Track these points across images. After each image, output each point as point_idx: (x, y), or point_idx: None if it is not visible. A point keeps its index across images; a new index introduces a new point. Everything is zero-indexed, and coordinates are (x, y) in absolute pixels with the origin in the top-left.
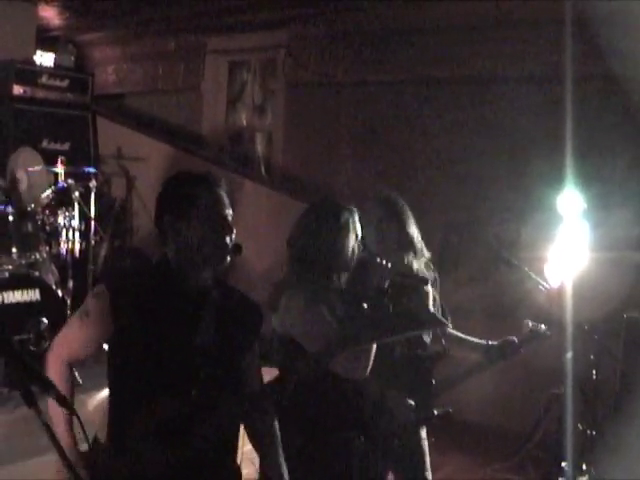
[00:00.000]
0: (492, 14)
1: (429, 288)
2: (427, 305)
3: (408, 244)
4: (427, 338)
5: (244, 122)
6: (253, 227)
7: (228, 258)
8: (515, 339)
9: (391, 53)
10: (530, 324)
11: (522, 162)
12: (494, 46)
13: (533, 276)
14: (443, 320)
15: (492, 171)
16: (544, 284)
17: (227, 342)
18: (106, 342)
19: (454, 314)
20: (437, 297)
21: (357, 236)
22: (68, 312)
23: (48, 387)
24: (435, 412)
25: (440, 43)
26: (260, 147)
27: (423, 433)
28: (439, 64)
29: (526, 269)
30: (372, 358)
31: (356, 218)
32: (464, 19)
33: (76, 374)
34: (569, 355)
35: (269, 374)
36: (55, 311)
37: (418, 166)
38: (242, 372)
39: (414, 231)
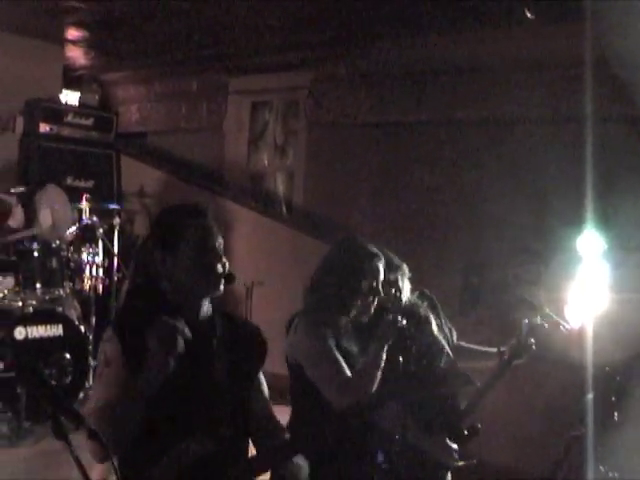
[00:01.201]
0: (515, 56)
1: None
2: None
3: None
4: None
5: (266, 162)
6: (274, 266)
7: (221, 287)
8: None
9: (412, 94)
10: (526, 321)
11: (543, 203)
12: (516, 87)
13: (554, 317)
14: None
15: (513, 212)
16: (565, 325)
17: (237, 371)
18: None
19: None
20: (441, 318)
21: (377, 279)
22: (90, 347)
23: (79, 420)
24: (460, 462)
25: (462, 84)
26: (281, 187)
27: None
28: (461, 105)
29: (547, 310)
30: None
31: (380, 262)
32: (487, 60)
33: None
34: (590, 396)
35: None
36: (77, 346)
37: (439, 207)
38: (251, 402)
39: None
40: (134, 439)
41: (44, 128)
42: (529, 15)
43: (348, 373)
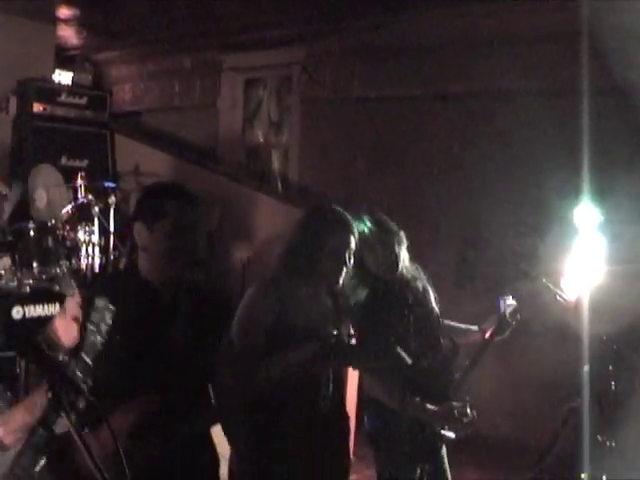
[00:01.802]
0: (507, 28)
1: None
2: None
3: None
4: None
5: (260, 139)
6: (269, 242)
7: (191, 270)
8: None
9: (406, 68)
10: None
11: (538, 176)
12: (509, 60)
13: (551, 287)
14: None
15: (508, 185)
16: (562, 296)
17: (198, 340)
18: None
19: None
20: (427, 289)
21: (343, 245)
22: None
23: (78, 392)
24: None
25: (455, 58)
26: (276, 163)
27: (444, 450)
28: (454, 79)
29: (544, 281)
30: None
31: (348, 230)
32: (479, 34)
33: None
34: (586, 367)
35: None
36: None
37: (434, 181)
38: (214, 366)
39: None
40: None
41: (37, 108)
42: None
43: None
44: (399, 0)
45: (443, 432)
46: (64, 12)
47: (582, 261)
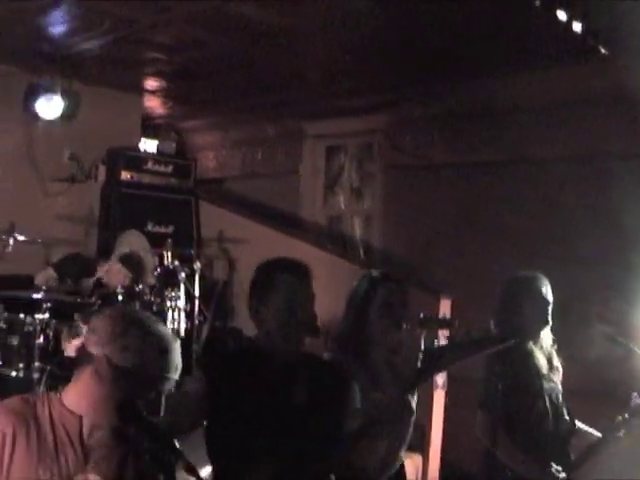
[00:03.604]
0: (592, 91)
1: None
2: None
3: None
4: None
5: (342, 205)
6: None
7: (305, 338)
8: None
9: (488, 133)
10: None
11: (626, 240)
12: (594, 123)
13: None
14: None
15: (595, 250)
16: None
17: (317, 410)
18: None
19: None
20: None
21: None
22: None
23: (177, 454)
24: None
25: (538, 122)
26: (358, 230)
27: None
28: (538, 143)
29: (632, 345)
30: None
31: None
32: (563, 97)
33: None
34: None
35: None
36: None
37: (519, 246)
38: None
39: None
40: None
41: (125, 176)
42: (603, 50)
43: None
44: (479, 66)
45: None
46: (151, 84)
47: None
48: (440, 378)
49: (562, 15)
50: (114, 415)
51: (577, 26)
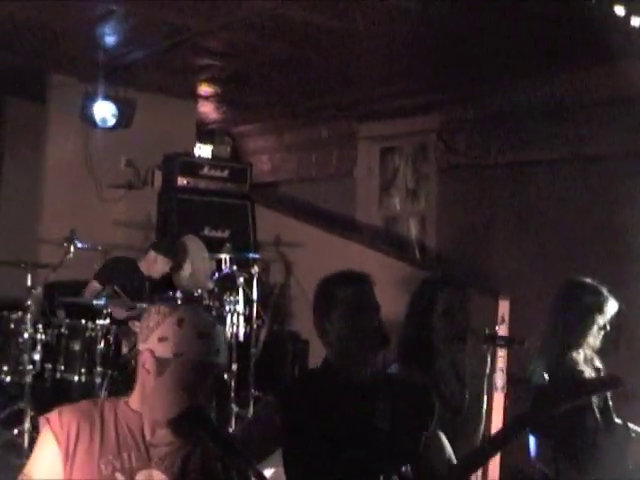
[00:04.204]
0: None
1: None
2: None
3: None
4: None
5: (397, 207)
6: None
7: (376, 352)
8: None
9: (543, 132)
10: None
11: None
12: None
13: None
14: None
15: None
16: None
17: (401, 429)
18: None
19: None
20: None
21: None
22: (232, 394)
23: (248, 464)
24: None
25: (594, 119)
26: (414, 231)
27: None
28: (594, 141)
29: None
30: None
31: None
32: (619, 93)
33: None
34: None
35: None
36: (218, 394)
37: (575, 246)
38: (422, 460)
39: None
40: None
41: (181, 181)
42: None
43: None
44: (533, 64)
45: None
46: (204, 89)
47: None
48: (499, 380)
49: (620, 10)
50: (169, 411)
51: (636, 21)
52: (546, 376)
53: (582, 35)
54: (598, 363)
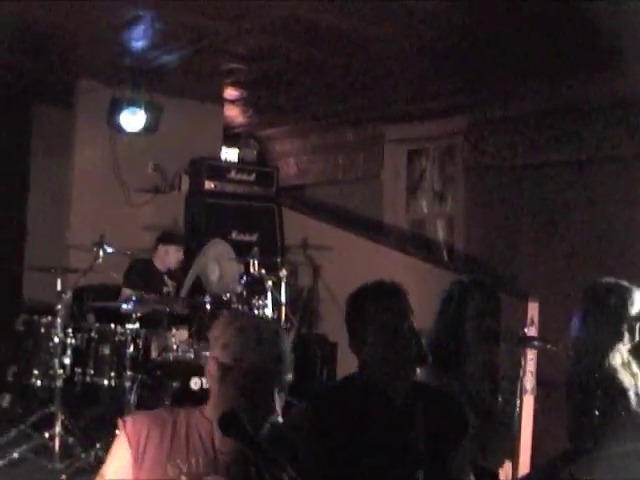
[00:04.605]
0: None
1: None
2: None
3: None
4: None
5: (424, 209)
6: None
7: (415, 369)
8: None
9: (571, 132)
10: None
11: None
12: None
13: None
14: None
15: None
16: None
17: (435, 444)
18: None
19: None
20: None
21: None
22: None
23: (282, 468)
24: None
25: (621, 119)
26: (441, 233)
27: None
28: (623, 141)
29: None
30: None
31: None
32: None
33: None
34: None
35: None
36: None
37: (602, 248)
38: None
39: None
40: None
41: (208, 185)
42: None
43: None
44: (559, 65)
45: None
46: (230, 93)
47: None
48: (529, 383)
49: None
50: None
51: None
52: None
53: (609, 36)
54: (635, 368)
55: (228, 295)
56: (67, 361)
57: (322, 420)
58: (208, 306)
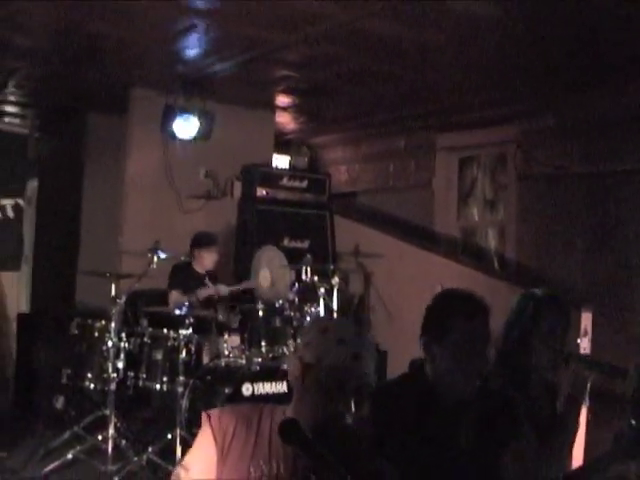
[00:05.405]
0: None
1: None
2: None
3: None
4: None
5: (476, 217)
6: (491, 321)
7: (478, 380)
8: None
9: (625, 141)
10: None
11: None
12: None
13: None
14: None
15: None
16: None
17: (489, 446)
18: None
19: None
20: None
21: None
22: None
23: (342, 477)
24: None
25: None
26: (493, 241)
27: None
28: None
29: None
30: None
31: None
32: None
33: None
34: None
35: None
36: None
37: None
38: (504, 471)
39: None
40: None
41: (261, 192)
42: None
43: None
44: (615, 73)
45: None
46: (282, 100)
47: None
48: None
49: None
50: (311, 417)
51: None
52: None
53: None
54: None
55: (280, 302)
56: (120, 365)
57: (382, 425)
58: (261, 313)
